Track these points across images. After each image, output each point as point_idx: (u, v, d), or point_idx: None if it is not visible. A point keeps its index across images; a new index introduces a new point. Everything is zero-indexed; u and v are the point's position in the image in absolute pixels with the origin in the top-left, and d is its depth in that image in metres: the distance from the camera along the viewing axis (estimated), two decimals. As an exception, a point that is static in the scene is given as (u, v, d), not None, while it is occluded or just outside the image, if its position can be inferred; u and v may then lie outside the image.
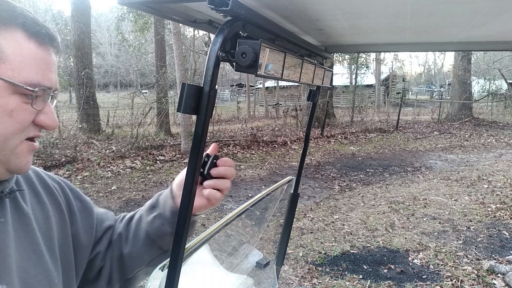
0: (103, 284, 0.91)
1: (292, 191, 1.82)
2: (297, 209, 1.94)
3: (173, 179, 0.89)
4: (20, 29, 0.63)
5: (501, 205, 5.76)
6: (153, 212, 0.89)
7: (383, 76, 31.79)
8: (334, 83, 25.06)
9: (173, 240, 0.87)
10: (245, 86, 31.01)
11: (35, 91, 0.64)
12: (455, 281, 3.62)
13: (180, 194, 0.85)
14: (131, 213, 0.96)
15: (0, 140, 0.63)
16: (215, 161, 0.83)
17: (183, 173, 0.86)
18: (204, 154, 0.80)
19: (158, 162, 8.99)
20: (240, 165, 8.96)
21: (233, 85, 38.01)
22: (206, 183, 0.81)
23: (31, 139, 0.69)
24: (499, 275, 3.70)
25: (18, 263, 0.68)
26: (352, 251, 4.32)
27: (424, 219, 5.30)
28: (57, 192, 0.83)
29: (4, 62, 0.61)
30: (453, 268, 3.89)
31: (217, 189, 0.83)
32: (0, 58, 0.61)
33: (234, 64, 0.69)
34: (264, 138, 12.14)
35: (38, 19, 0.66)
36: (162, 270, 1.13)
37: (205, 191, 0.82)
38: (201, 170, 0.80)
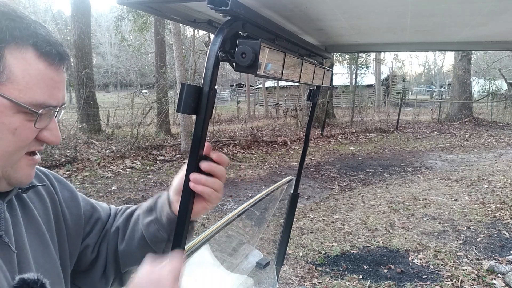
0: (98, 274, 0.91)
1: (292, 191, 1.82)
2: (297, 209, 1.94)
3: (173, 179, 0.88)
4: (31, 48, 0.63)
5: (501, 205, 5.76)
6: (149, 216, 0.88)
7: (383, 76, 31.78)
8: (334, 83, 25.05)
9: (168, 245, 0.86)
10: (245, 86, 31.01)
11: (38, 113, 0.64)
12: (455, 281, 3.62)
13: (177, 199, 0.83)
14: (133, 207, 0.96)
15: (3, 156, 0.64)
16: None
17: (178, 177, 0.84)
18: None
19: (158, 162, 8.99)
20: (240, 165, 8.95)
21: (233, 85, 38.00)
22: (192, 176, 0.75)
23: (32, 152, 0.69)
24: (499, 275, 3.70)
25: (31, 253, 0.71)
26: (352, 251, 4.31)
27: (424, 219, 5.30)
28: (48, 182, 0.84)
29: (11, 82, 0.61)
30: (453, 268, 3.89)
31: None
32: (8, 78, 0.61)
33: (234, 64, 0.68)
34: (264, 138, 12.14)
35: (51, 35, 0.66)
36: (162, 270, 1.12)
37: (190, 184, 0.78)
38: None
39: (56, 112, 0.69)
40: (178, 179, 0.84)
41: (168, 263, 0.69)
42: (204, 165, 0.73)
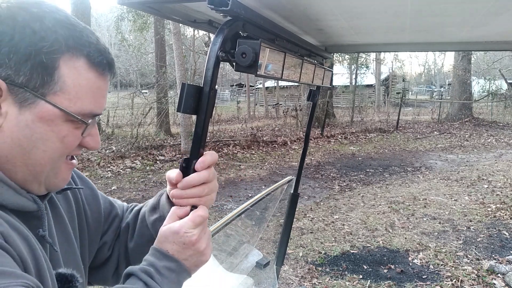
0: (110, 271, 0.92)
1: (292, 191, 1.81)
2: (297, 209, 1.94)
3: None
4: (83, 58, 0.63)
5: (501, 205, 5.76)
6: (154, 214, 0.88)
7: (383, 76, 31.78)
8: (334, 83, 25.04)
9: None
10: (245, 86, 31.01)
11: (88, 123, 0.65)
12: (455, 281, 3.62)
13: None
14: (141, 205, 0.97)
15: (49, 163, 0.65)
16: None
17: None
18: (183, 159, 0.71)
19: (158, 162, 8.99)
20: (240, 165, 8.96)
21: (233, 85, 38.00)
22: (173, 192, 0.72)
23: (71, 156, 0.70)
24: (499, 275, 3.70)
25: (60, 252, 0.73)
26: (352, 251, 4.32)
27: (424, 219, 5.30)
28: (70, 180, 0.85)
29: (63, 92, 0.62)
30: (453, 268, 3.89)
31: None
32: (61, 88, 0.62)
33: (234, 64, 0.69)
34: (264, 138, 12.14)
35: (100, 42, 0.66)
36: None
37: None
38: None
39: (99, 119, 0.71)
40: None
41: (190, 214, 0.70)
42: (180, 185, 0.70)
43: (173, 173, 0.72)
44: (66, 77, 0.62)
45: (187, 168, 0.70)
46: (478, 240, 4.58)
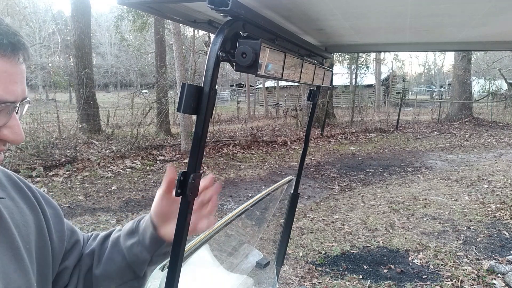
0: None
1: (292, 191, 1.81)
2: (297, 209, 1.94)
3: (153, 204, 0.88)
4: None
5: (501, 205, 5.76)
6: (131, 238, 0.86)
7: (383, 76, 31.79)
8: (334, 83, 25.06)
9: (149, 266, 0.87)
10: (245, 86, 31.00)
11: None
12: (455, 281, 3.62)
13: (162, 224, 0.85)
14: (105, 232, 0.93)
15: None
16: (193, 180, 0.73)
17: (158, 199, 0.85)
18: (180, 172, 0.71)
19: (158, 162, 8.99)
20: (240, 165, 8.95)
21: (233, 85, 38.00)
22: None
23: None
24: (499, 275, 3.70)
25: (0, 268, 0.66)
26: (352, 251, 4.31)
27: (424, 219, 5.30)
28: (31, 196, 0.81)
29: None
30: (453, 268, 3.89)
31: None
32: None
33: (234, 64, 0.68)
34: (264, 138, 12.13)
35: (2, 23, 0.60)
36: (162, 270, 1.12)
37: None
38: (179, 190, 0.70)
39: (17, 108, 0.64)
40: (157, 203, 0.85)
41: None
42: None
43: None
44: None
45: (184, 181, 0.69)
46: (478, 240, 4.58)
